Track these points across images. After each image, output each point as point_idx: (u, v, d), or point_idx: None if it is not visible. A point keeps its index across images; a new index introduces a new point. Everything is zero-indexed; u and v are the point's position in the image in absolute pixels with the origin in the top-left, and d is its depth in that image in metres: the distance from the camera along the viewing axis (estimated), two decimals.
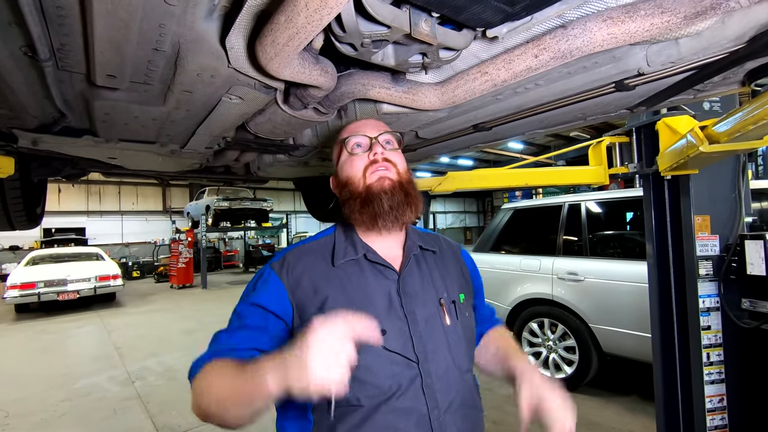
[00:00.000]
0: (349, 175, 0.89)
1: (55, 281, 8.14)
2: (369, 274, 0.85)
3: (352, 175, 0.88)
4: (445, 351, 0.84)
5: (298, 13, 0.67)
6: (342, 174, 0.91)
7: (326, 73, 1.03)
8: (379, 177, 0.86)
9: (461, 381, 0.86)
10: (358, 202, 0.86)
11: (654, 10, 0.76)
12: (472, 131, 1.57)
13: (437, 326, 0.86)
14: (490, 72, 0.99)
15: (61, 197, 16.05)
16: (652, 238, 2.16)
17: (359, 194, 0.86)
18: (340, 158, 0.94)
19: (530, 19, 0.84)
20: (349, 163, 0.90)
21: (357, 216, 0.86)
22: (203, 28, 0.82)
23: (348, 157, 0.90)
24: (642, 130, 2.12)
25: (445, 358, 0.84)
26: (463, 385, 0.86)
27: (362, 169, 0.88)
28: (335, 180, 0.95)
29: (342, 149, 0.93)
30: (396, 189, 0.86)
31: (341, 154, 0.94)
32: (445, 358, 0.84)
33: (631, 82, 1.06)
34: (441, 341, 0.85)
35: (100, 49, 0.83)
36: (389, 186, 0.86)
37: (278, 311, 0.82)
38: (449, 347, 0.85)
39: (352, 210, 0.87)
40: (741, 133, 1.13)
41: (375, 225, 0.85)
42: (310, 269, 0.85)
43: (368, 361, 0.77)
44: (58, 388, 4.36)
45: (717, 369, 1.97)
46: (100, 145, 1.57)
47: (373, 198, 0.84)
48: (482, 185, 2.28)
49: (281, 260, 0.88)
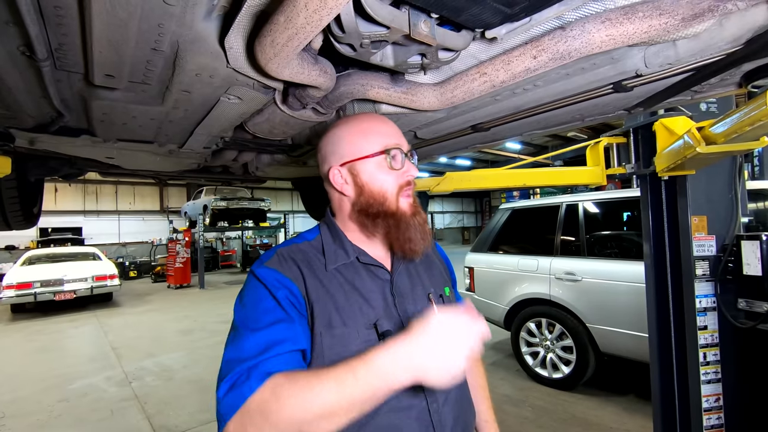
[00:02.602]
0: (383, 191, 0.83)
1: (52, 281, 8.11)
2: (364, 275, 0.84)
3: (386, 191, 0.83)
4: None
5: (298, 13, 0.67)
6: (372, 184, 0.84)
7: (325, 74, 1.03)
8: (410, 204, 0.85)
9: None
10: (390, 223, 0.83)
11: (652, 11, 0.76)
12: (471, 132, 1.58)
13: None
14: (489, 73, 1.00)
15: (58, 197, 15.97)
16: (649, 238, 2.17)
17: (392, 214, 0.83)
18: (369, 162, 0.84)
19: (529, 20, 0.85)
20: (384, 177, 0.83)
21: (381, 230, 0.84)
22: (202, 28, 0.82)
23: (386, 170, 0.84)
24: (639, 131, 2.13)
25: None
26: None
27: (396, 189, 0.84)
28: (355, 184, 0.84)
29: (376, 155, 0.83)
30: (424, 219, 0.86)
31: (371, 157, 0.83)
32: None
33: (629, 84, 1.07)
34: None
35: (99, 49, 0.83)
36: (422, 219, 0.86)
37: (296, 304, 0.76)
38: None
39: (375, 224, 0.84)
40: (738, 135, 1.14)
41: (402, 250, 0.83)
42: (307, 267, 0.81)
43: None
44: (54, 389, 4.35)
45: (714, 369, 1.98)
46: (97, 145, 1.56)
47: (409, 225, 0.83)
48: (481, 185, 2.28)
49: (275, 257, 0.82)
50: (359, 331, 0.78)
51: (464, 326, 0.63)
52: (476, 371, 1.11)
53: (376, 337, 0.78)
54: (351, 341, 0.76)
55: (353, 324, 0.78)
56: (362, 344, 0.77)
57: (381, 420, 0.76)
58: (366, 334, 0.78)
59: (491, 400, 1.09)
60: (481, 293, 4.71)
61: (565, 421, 3.30)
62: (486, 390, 1.10)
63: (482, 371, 1.13)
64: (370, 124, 0.87)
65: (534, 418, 3.38)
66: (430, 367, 0.59)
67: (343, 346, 0.76)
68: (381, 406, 0.76)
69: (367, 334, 0.78)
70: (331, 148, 0.87)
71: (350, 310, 0.79)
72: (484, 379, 1.12)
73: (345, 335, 0.77)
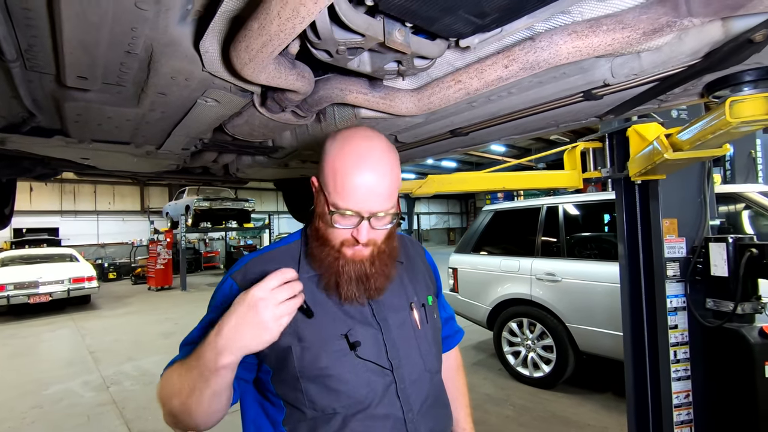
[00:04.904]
0: (325, 232, 0.80)
1: (26, 283, 7.87)
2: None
3: (327, 237, 0.79)
4: (417, 356, 0.86)
5: (271, 21, 0.68)
6: (321, 218, 0.80)
7: (303, 78, 1.04)
8: (355, 252, 0.78)
9: (432, 383, 0.88)
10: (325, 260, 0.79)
11: (615, 25, 0.79)
12: (450, 136, 1.60)
13: (409, 331, 0.87)
14: (464, 81, 1.02)
15: (33, 196, 15.49)
16: (623, 240, 2.24)
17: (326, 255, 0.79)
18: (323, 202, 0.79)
19: (500, 30, 0.87)
20: (328, 223, 0.78)
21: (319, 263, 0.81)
22: (177, 32, 0.81)
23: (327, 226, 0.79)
24: (614, 136, 2.19)
25: (416, 362, 0.85)
26: (433, 387, 0.88)
27: (339, 242, 0.78)
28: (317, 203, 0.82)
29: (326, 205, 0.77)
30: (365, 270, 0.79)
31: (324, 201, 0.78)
32: (416, 363, 0.85)
33: (598, 92, 1.11)
34: (413, 346, 0.86)
35: (70, 51, 0.82)
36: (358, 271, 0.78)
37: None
38: (420, 351, 0.87)
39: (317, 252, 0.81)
40: (701, 142, 1.19)
41: (330, 291, 0.80)
42: None
43: (343, 371, 0.77)
44: (28, 395, 4.22)
45: (683, 366, 2.05)
46: (71, 146, 1.53)
47: (338, 272, 0.78)
48: (461, 188, 2.32)
49: (242, 270, 0.84)
50: (329, 342, 0.78)
51: (264, 297, 0.67)
52: (457, 378, 1.11)
53: (347, 347, 0.79)
54: (321, 352, 0.77)
55: (323, 335, 0.78)
56: (332, 355, 0.77)
57: (357, 427, 0.77)
58: (336, 344, 0.78)
59: (470, 405, 1.10)
60: (464, 294, 4.76)
61: (546, 419, 3.36)
62: (466, 397, 1.10)
63: (463, 378, 1.13)
64: (349, 169, 0.74)
65: (515, 416, 3.43)
66: (238, 344, 0.67)
67: (313, 356, 0.77)
68: (357, 414, 0.77)
69: (338, 344, 0.78)
70: (320, 157, 0.82)
71: (321, 320, 0.79)
72: (464, 386, 1.12)
73: (314, 346, 0.77)
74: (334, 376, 0.77)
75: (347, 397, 0.77)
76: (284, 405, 0.80)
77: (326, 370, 0.77)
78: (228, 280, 0.84)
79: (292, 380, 0.77)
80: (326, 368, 0.77)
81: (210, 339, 0.69)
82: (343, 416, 0.77)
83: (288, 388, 0.78)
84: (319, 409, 0.77)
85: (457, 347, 1.15)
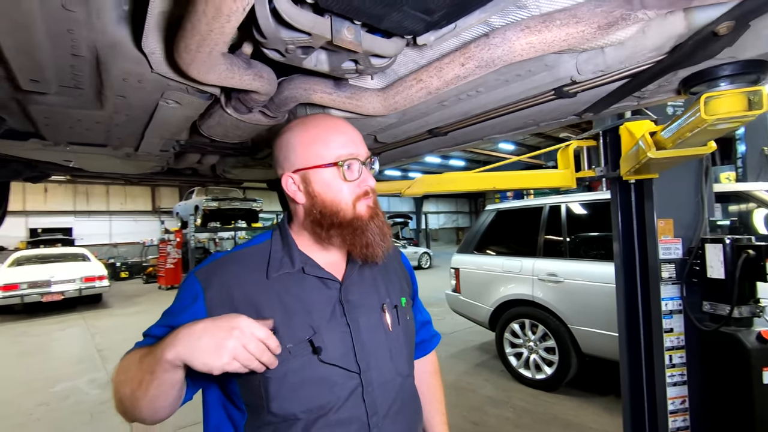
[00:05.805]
0: (337, 202, 0.81)
1: (39, 282, 8.06)
2: (309, 285, 0.82)
3: (339, 202, 0.81)
4: (387, 358, 0.84)
5: (199, 20, 0.66)
6: (326, 194, 0.81)
7: (261, 78, 1.02)
8: (368, 207, 0.82)
9: (401, 387, 0.86)
10: (344, 232, 0.81)
11: (569, 20, 0.75)
12: (429, 136, 1.57)
13: (380, 333, 0.85)
14: (424, 79, 0.99)
15: (48, 197, 15.87)
16: (619, 240, 2.17)
17: (347, 224, 0.81)
18: (322, 172, 0.81)
19: (454, 27, 0.83)
20: (338, 187, 0.81)
21: (336, 240, 0.82)
22: (117, 34, 0.80)
23: (340, 181, 0.81)
24: (607, 134, 2.13)
25: (386, 365, 0.83)
26: (403, 391, 0.86)
27: (352, 199, 0.81)
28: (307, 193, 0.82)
29: (329, 166, 0.80)
30: (383, 221, 0.84)
31: (324, 167, 0.80)
32: (387, 366, 0.83)
33: (570, 90, 1.06)
34: (383, 348, 0.84)
35: (12, 55, 0.81)
36: (380, 222, 0.83)
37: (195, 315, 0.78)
38: (391, 354, 0.85)
39: (329, 235, 0.81)
40: (682, 140, 1.14)
41: (361, 255, 0.82)
42: (243, 279, 0.80)
43: (304, 375, 0.75)
44: (35, 392, 4.31)
45: (679, 371, 1.98)
46: (49, 148, 1.54)
47: (365, 230, 0.81)
48: (451, 188, 2.28)
49: (207, 268, 0.82)
50: (295, 346, 0.76)
51: (243, 331, 0.66)
52: (433, 382, 1.09)
53: (310, 351, 0.76)
54: (283, 356, 0.73)
55: (286, 339, 0.75)
56: (295, 358, 0.75)
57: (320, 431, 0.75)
58: (300, 348, 0.76)
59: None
60: (466, 294, 4.71)
61: (546, 422, 3.30)
62: (442, 403, 1.08)
63: (439, 383, 1.11)
64: (325, 129, 0.82)
65: (515, 418, 3.38)
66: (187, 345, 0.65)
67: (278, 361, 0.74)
68: (319, 419, 0.75)
69: (301, 348, 0.76)
70: (284, 154, 0.84)
71: (286, 318, 0.77)
72: (440, 391, 1.10)
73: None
74: (295, 382, 0.75)
75: (309, 402, 0.75)
76: (246, 409, 0.78)
77: (287, 376, 0.75)
78: (191, 277, 0.82)
79: (255, 384, 0.75)
80: (286, 374, 0.75)
81: (171, 333, 0.68)
82: (304, 422, 0.75)
83: (250, 393, 0.77)
84: (280, 416, 0.75)
85: (434, 351, 1.13)
